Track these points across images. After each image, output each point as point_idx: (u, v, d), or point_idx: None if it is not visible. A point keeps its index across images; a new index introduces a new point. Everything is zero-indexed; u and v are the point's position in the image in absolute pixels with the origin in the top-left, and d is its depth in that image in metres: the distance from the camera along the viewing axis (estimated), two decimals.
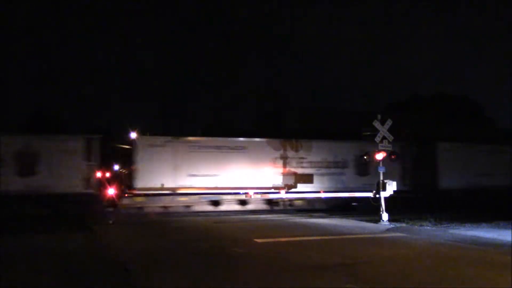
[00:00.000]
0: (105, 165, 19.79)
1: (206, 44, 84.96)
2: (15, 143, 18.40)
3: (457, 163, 23.44)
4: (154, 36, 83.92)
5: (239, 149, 20.72)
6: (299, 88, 69.87)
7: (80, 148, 18.93)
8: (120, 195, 19.76)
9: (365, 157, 17.68)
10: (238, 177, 20.38)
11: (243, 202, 20.71)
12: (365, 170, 21.58)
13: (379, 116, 16.68)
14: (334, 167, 21.95)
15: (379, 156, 16.39)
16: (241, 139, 21.32)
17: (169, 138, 20.09)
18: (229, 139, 21.10)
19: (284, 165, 21.20)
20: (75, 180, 18.66)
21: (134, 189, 19.35)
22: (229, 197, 20.42)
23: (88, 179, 18.81)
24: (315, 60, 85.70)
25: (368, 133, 16.66)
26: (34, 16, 77.68)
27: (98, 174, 19.28)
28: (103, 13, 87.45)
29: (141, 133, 19.90)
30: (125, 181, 20.39)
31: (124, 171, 21.37)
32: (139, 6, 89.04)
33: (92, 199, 18.75)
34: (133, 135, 19.54)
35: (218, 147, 20.48)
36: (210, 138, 21.22)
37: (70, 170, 18.64)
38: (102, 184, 19.62)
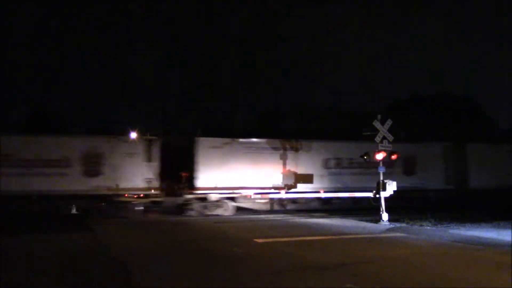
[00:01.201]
0: (165, 166, 19.95)
1: (206, 44, 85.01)
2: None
3: (486, 163, 23.70)
4: (154, 36, 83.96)
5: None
6: (299, 88, 69.88)
7: (142, 149, 19.52)
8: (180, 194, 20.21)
9: (365, 157, 17.66)
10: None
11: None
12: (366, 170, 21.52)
13: (379, 116, 16.69)
14: (334, 167, 21.92)
15: (379, 156, 16.40)
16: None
17: (228, 139, 20.46)
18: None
19: (284, 165, 21.19)
20: (137, 181, 19.24)
21: (195, 188, 19.61)
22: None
23: (150, 180, 19.31)
24: (315, 60, 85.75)
25: (368, 133, 16.67)
26: (35, 16, 77.77)
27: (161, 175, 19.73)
28: (104, 13, 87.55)
29: (202, 134, 20.42)
30: (186, 182, 20.47)
31: (184, 171, 21.48)
32: (139, 7, 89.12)
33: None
34: (196, 136, 20.11)
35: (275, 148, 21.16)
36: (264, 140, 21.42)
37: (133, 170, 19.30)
38: (168, 184, 20.20)
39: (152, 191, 19.34)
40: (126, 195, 19.33)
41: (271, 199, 20.61)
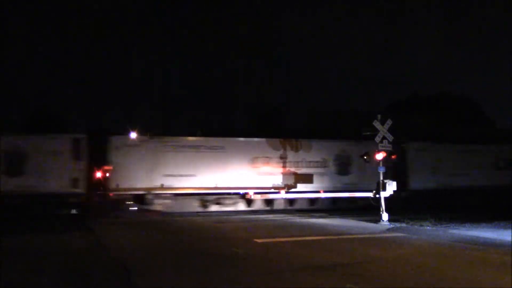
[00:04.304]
0: None
1: (206, 44, 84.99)
2: None
3: (427, 163, 23.41)
4: (154, 36, 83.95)
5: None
6: (299, 88, 69.87)
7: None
8: None
9: (365, 157, 17.64)
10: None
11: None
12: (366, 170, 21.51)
13: (379, 116, 16.66)
14: (334, 167, 21.90)
15: (379, 156, 16.36)
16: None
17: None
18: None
19: (284, 165, 21.18)
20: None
21: None
22: None
23: None
24: (315, 60, 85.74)
25: (368, 133, 16.65)
26: (35, 17, 77.71)
27: None
28: (104, 13, 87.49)
29: (203, 134, 21.01)
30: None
31: None
32: (139, 7, 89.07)
33: None
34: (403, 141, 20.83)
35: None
36: None
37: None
38: None
39: None
40: None
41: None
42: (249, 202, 20.73)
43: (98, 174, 20.64)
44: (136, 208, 19.50)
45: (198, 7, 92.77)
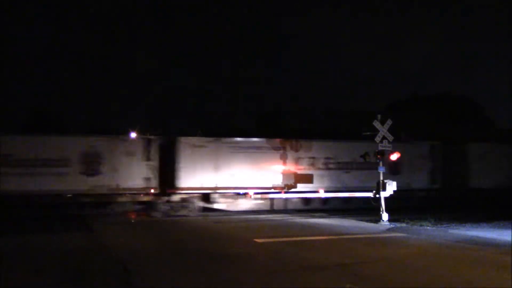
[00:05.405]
0: None
1: (206, 45, 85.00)
2: None
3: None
4: (154, 36, 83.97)
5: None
6: (299, 88, 69.88)
7: None
8: None
9: (365, 157, 17.63)
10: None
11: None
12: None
13: (379, 116, 16.67)
14: (334, 167, 21.90)
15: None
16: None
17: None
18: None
19: (284, 165, 21.16)
20: None
21: None
22: None
23: None
24: (315, 60, 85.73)
25: (368, 133, 16.66)
26: (35, 16, 77.73)
27: None
28: (103, 14, 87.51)
29: (203, 134, 21.03)
30: None
31: None
32: (139, 7, 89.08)
33: None
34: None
35: None
36: None
37: None
38: None
39: None
40: None
41: (271, 199, 20.66)
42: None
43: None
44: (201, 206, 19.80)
45: (198, 7, 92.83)
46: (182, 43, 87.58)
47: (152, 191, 19.02)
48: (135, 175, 18.86)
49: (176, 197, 19.47)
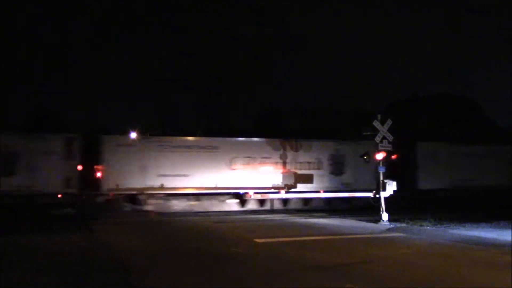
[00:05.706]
0: None
1: (205, 44, 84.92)
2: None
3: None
4: (154, 35, 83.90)
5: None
6: (299, 87, 69.82)
7: None
8: None
9: (365, 157, 17.64)
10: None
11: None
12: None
13: (379, 116, 16.67)
14: (334, 167, 21.91)
15: (379, 156, 16.37)
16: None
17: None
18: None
19: (284, 165, 21.19)
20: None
21: None
22: None
23: None
24: (314, 60, 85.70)
25: (368, 133, 16.65)
26: (35, 16, 77.70)
27: None
28: (104, 13, 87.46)
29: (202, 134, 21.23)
30: None
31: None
32: (139, 7, 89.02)
33: None
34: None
35: None
36: None
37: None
38: None
39: None
40: None
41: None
42: (244, 202, 20.80)
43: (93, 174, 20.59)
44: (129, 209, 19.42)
45: (197, 7, 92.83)
46: (183, 43, 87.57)
47: (73, 191, 18.29)
48: (54, 175, 18.09)
49: (100, 199, 18.98)
